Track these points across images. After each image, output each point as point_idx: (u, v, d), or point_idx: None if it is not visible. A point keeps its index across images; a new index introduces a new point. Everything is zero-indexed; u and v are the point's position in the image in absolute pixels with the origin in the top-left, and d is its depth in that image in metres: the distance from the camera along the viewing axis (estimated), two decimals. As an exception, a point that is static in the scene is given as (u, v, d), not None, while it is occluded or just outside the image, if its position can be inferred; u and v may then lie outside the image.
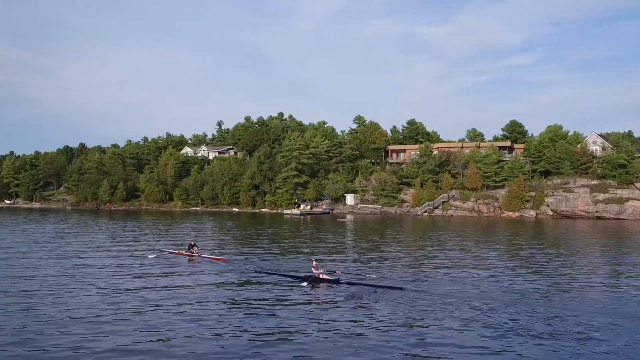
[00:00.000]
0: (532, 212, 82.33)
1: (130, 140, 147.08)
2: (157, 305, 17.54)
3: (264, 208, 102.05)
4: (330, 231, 52.84)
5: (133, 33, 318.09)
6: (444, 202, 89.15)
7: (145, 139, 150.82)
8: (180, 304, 17.81)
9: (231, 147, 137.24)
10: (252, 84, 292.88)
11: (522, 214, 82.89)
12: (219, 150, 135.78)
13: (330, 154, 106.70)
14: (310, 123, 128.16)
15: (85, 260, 28.87)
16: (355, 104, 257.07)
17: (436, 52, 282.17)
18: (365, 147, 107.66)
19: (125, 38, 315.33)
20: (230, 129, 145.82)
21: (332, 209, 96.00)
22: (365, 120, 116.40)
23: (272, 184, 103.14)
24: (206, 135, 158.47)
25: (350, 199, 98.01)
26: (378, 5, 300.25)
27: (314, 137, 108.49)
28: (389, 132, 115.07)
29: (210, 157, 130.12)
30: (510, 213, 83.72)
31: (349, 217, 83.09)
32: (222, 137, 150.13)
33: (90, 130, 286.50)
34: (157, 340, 13.63)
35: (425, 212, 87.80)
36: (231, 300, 18.56)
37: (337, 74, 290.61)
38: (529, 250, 36.29)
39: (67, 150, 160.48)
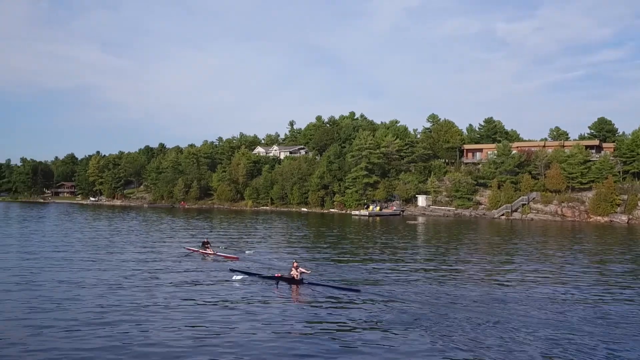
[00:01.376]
0: (624, 217, 74.88)
1: (206, 141, 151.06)
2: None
3: (333, 208, 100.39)
4: (399, 234, 50.12)
5: (211, 38, 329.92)
6: (523, 204, 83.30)
7: (220, 139, 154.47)
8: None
9: (302, 146, 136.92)
10: (325, 85, 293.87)
11: (612, 219, 75.62)
12: (290, 150, 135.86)
13: (402, 154, 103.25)
14: (382, 122, 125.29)
15: (114, 255, 31.00)
16: (429, 104, 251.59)
17: (516, 49, 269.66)
18: (439, 147, 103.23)
19: (204, 43, 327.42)
20: (302, 128, 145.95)
21: (403, 211, 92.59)
22: (440, 119, 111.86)
23: (341, 184, 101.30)
24: (278, 135, 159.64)
25: (422, 200, 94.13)
26: (455, 2, 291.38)
27: (385, 136, 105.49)
28: (464, 130, 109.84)
29: (282, 157, 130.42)
30: (599, 218, 76.68)
31: (420, 219, 79.54)
32: (294, 137, 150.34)
33: (170, 131, 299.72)
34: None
35: (502, 215, 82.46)
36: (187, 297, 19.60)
37: (411, 73, 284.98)
38: (623, 262, 31.86)
39: (148, 150, 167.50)
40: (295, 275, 21.46)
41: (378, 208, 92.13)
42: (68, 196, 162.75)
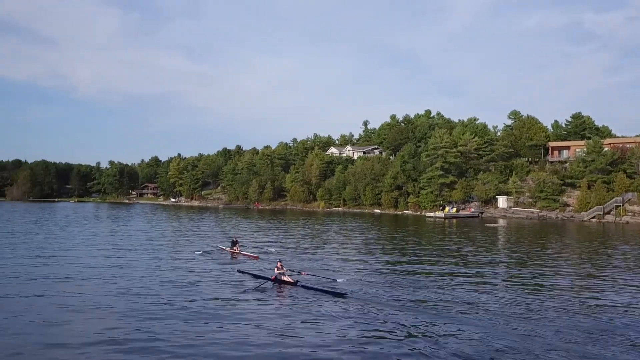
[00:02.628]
0: None
1: (282, 142, 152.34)
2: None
3: (407, 210, 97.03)
4: (477, 238, 46.62)
5: (286, 42, 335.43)
6: (617, 206, 75.90)
7: (295, 140, 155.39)
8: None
9: (376, 146, 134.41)
10: (399, 84, 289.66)
11: None
12: (364, 150, 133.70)
13: (481, 152, 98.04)
14: (459, 120, 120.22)
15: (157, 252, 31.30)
16: (509, 101, 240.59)
17: (607, 41, 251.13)
18: (521, 144, 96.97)
19: (279, 47, 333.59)
20: (376, 128, 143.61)
21: (482, 212, 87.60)
22: (522, 115, 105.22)
23: (415, 185, 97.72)
24: (352, 136, 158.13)
25: (502, 201, 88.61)
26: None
27: (462, 134, 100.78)
28: (549, 127, 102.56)
29: (355, 157, 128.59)
30: None
31: (500, 221, 74.60)
32: (368, 137, 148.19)
33: (247, 133, 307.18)
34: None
35: (593, 217, 75.61)
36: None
37: (490, 70, 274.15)
38: None
39: (225, 152, 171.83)
40: (287, 278, 20.88)
41: (455, 210, 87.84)
42: (151, 197, 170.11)
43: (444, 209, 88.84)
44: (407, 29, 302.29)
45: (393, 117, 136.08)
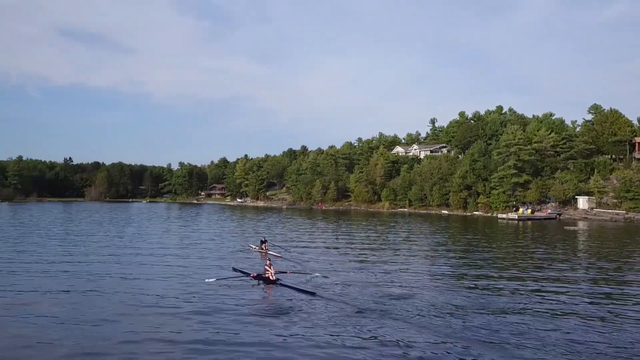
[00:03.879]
0: None
1: (347, 142, 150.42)
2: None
3: (477, 211, 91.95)
4: (555, 242, 42.29)
5: (351, 42, 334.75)
6: None
7: (360, 139, 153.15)
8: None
9: (444, 145, 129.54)
10: (468, 82, 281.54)
11: None
12: (431, 148, 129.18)
13: (558, 149, 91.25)
14: (533, 115, 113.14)
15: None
16: (588, 96, 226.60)
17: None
18: (604, 140, 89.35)
19: (344, 48, 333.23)
20: (444, 126, 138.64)
21: (559, 214, 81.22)
22: (603, 110, 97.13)
23: (486, 184, 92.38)
24: (419, 134, 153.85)
25: (582, 202, 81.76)
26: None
27: (537, 131, 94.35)
28: (635, 121, 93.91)
29: (421, 156, 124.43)
30: None
31: (581, 224, 68.52)
32: (436, 136, 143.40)
33: (313, 134, 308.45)
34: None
35: (690, 220, 67.95)
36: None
37: (566, 65, 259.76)
38: None
39: (290, 152, 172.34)
40: (270, 275, 20.45)
41: (529, 211, 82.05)
42: (219, 197, 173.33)
43: (517, 210, 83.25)
44: (476, 25, 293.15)
45: (462, 114, 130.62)
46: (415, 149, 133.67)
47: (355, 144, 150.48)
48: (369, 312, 16.28)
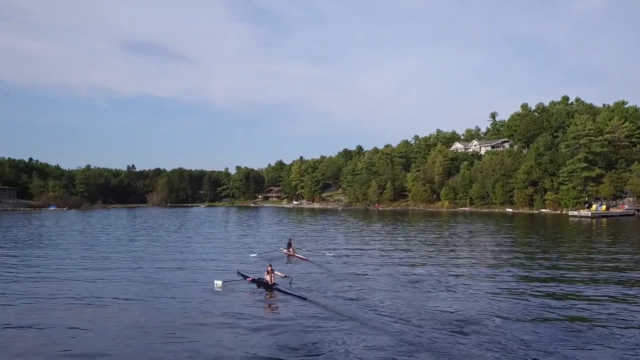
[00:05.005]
0: None
1: (405, 140, 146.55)
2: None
3: (544, 208, 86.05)
4: (634, 243, 37.65)
5: (408, 41, 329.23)
6: None
7: (416, 137, 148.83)
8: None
9: (506, 139, 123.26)
10: (530, 75, 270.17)
11: None
12: (492, 144, 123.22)
13: (634, 139, 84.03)
14: (603, 104, 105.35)
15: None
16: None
17: None
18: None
19: (401, 47, 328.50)
20: (505, 120, 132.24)
21: (638, 210, 74.41)
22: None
23: (554, 180, 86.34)
24: (479, 130, 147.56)
25: (665, 196, 74.67)
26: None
27: (609, 120, 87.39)
28: None
29: (482, 152, 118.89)
30: None
31: (664, 220, 62.15)
32: (497, 130, 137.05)
33: (369, 134, 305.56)
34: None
35: None
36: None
37: (635, 50, 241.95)
38: None
39: (346, 153, 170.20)
40: (269, 280, 19.85)
41: (604, 207, 75.80)
42: (275, 200, 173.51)
43: (590, 206, 77.13)
44: (535, 17, 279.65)
45: (524, 106, 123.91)
46: (475, 145, 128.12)
47: (412, 142, 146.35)
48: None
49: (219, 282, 20.27)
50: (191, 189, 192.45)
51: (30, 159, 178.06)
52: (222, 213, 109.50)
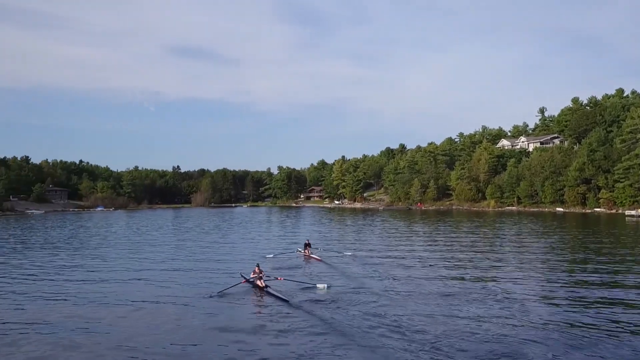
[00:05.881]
0: None
1: (449, 138, 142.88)
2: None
3: (598, 207, 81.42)
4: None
5: (453, 38, 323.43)
6: None
7: (461, 134, 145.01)
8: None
9: (555, 135, 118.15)
10: (580, 68, 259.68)
11: None
12: (540, 140, 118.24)
13: (698, 133, 78.46)
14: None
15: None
16: None
17: None
18: None
19: (446, 44, 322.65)
20: (555, 115, 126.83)
21: (703, 209, 69.19)
22: None
23: (608, 177, 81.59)
24: (527, 126, 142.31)
25: None
26: None
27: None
28: None
29: (530, 149, 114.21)
30: None
31: None
32: (546, 126, 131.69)
33: (412, 132, 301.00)
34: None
35: None
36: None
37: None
38: None
39: (388, 151, 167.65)
40: (260, 284, 19.47)
41: (664, 206, 70.88)
42: (317, 200, 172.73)
43: (648, 205, 72.31)
44: (585, 9, 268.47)
45: (575, 100, 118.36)
46: (522, 142, 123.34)
47: (457, 140, 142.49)
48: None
49: (213, 292, 18.96)
50: (234, 189, 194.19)
51: (81, 161, 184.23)
52: (262, 213, 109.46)
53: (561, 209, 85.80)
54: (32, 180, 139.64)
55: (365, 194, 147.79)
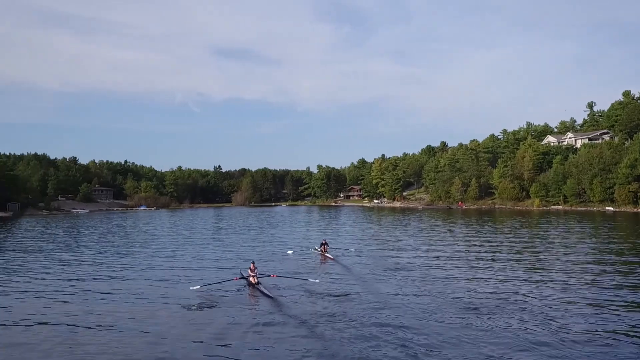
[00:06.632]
0: None
1: (492, 135, 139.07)
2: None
3: (652, 206, 77.12)
4: None
5: (497, 33, 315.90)
6: None
7: (504, 131, 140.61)
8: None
9: (605, 131, 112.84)
10: (631, 61, 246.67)
11: None
12: (589, 136, 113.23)
13: None
14: None
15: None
16: None
17: None
18: None
19: (489, 39, 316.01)
20: (605, 110, 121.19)
21: None
22: None
23: (663, 174, 77.12)
24: (575, 122, 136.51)
25: None
26: None
27: None
28: None
29: (578, 145, 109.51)
30: None
31: None
32: (595, 121, 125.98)
33: (455, 129, 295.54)
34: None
35: None
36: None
37: None
38: None
39: (429, 149, 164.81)
40: (253, 280, 19.91)
41: None
42: (356, 199, 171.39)
43: None
44: (636, 0, 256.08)
45: (626, 93, 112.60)
46: (569, 138, 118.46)
47: (500, 137, 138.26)
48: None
49: (196, 287, 19.53)
50: (274, 188, 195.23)
51: (126, 161, 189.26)
52: (301, 212, 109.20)
53: (611, 208, 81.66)
54: (79, 180, 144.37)
55: (405, 193, 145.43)
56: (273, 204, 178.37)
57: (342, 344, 12.36)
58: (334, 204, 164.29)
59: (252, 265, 20.57)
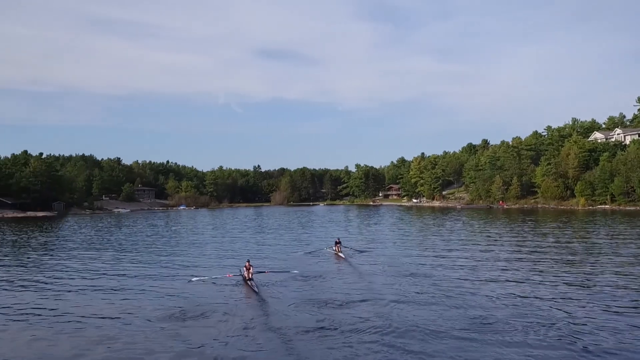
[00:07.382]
0: None
1: (535, 131, 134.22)
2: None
3: None
4: None
5: (543, 29, 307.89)
6: None
7: (549, 127, 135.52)
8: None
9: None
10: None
11: None
12: (639, 132, 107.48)
13: None
14: None
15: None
16: None
17: None
18: None
19: (534, 35, 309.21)
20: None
21: None
22: None
23: None
24: (624, 117, 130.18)
25: None
26: None
27: None
28: None
29: (627, 142, 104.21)
30: None
31: None
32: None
33: (497, 127, 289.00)
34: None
35: None
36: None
37: None
38: None
39: (470, 147, 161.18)
40: (247, 275, 21.44)
41: None
42: (395, 198, 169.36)
43: None
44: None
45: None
46: (618, 134, 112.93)
47: (544, 134, 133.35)
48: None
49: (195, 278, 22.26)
50: (313, 187, 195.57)
51: (168, 162, 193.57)
52: (339, 212, 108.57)
53: (662, 208, 77.29)
54: (122, 180, 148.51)
55: (444, 192, 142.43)
56: (311, 203, 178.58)
57: (307, 345, 13.01)
58: (372, 203, 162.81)
59: (247, 263, 22.14)
